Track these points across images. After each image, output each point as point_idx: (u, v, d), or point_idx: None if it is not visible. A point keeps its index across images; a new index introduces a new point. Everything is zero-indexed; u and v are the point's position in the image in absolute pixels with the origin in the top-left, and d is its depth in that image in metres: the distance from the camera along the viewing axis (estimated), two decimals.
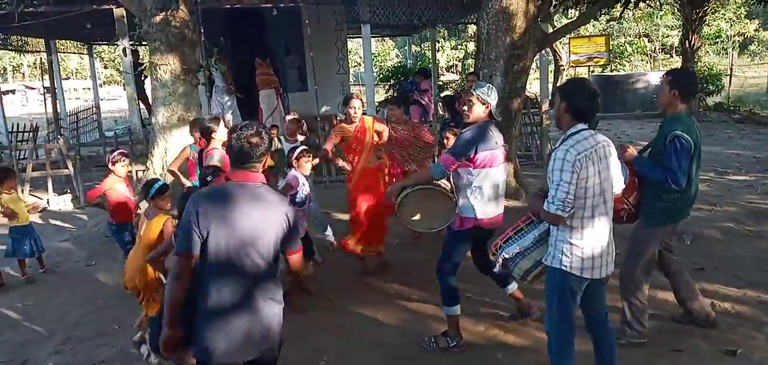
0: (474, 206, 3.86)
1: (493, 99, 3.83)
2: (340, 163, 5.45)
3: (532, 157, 10.92)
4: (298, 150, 5.00)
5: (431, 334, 4.27)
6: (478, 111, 3.81)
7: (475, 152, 3.76)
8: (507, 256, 3.27)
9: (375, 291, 5.21)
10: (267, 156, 2.58)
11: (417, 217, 4.16)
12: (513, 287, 4.29)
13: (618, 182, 3.15)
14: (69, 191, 9.26)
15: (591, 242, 2.98)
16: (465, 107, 3.84)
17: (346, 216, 6.60)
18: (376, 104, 12.99)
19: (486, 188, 3.83)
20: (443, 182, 4.03)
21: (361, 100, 5.64)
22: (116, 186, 5.33)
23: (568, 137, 2.95)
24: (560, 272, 3.02)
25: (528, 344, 4.18)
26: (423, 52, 25.87)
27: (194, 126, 5.98)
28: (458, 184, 3.89)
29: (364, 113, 5.53)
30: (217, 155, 5.10)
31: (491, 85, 3.90)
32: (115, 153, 5.42)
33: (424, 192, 3.99)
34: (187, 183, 5.39)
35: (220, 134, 5.25)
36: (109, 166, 5.36)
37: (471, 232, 3.96)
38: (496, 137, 3.85)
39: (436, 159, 4.15)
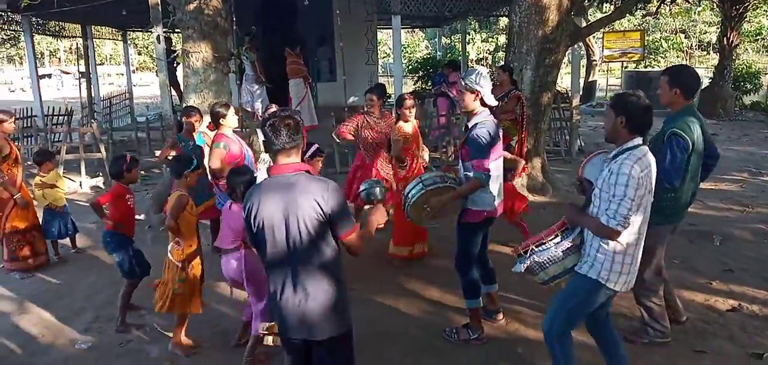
0: (488, 198, 3.87)
1: (483, 86, 3.77)
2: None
3: (561, 152, 10.78)
4: (312, 150, 4.80)
5: (453, 326, 4.28)
6: (468, 100, 3.79)
7: (494, 146, 3.79)
8: (537, 259, 3.17)
9: (397, 281, 5.23)
10: (302, 142, 2.64)
11: (425, 214, 4.00)
12: (494, 288, 4.39)
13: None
14: (101, 174, 9.48)
15: (634, 257, 2.98)
16: (461, 97, 3.85)
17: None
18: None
19: (495, 178, 3.85)
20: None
21: (414, 100, 5.74)
22: (126, 195, 4.64)
23: (626, 150, 2.90)
24: (595, 282, 3.00)
25: None
26: (453, 44, 25.64)
27: (190, 113, 6.03)
28: (470, 177, 3.84)
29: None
30: (223, 142, 5.09)
31: (480, 71, 3.83)
32: (129, 158, 4.63)
33: (433, 190, 3.90)
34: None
35: (230, 121, 5.22)
36: (125, 172, 4.57)
37: (486, 222, 3.98)
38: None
39: (458, 160, 4.06)
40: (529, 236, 5.76)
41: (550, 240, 3.16)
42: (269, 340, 3.03)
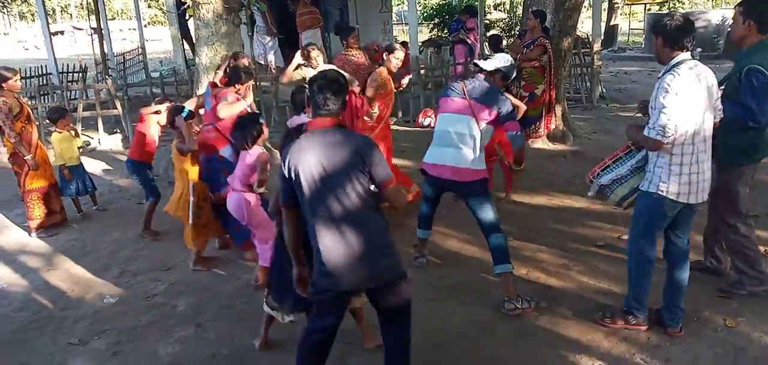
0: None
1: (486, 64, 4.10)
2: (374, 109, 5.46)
3: (582, 100, 10.58)
4: None
5: (470, 274, 4.34)
6: None
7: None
8: (604, 183, 3.47)
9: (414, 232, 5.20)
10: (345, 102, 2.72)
11: None
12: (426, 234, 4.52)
13: (718, 112, 3.25)
14: (118, 131, 9.51)
15: (690, 168, 3.10)
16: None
17: None
18: (420, 43, 12.73)
19: (435, 134, 4.11)
20: None
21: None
22: (155, 126, 5.53)
23: (671, 67, 3.06)
24: (655, 196, 3.19)
25: (570, 287, 4.16)
26: None
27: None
28: (476, 136, 3.88)
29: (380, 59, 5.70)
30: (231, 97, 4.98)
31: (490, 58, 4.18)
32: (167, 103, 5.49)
33: None
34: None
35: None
36: (158, 106, 5.50)
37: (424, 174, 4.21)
38: None
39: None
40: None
41: (613, 162, 3.45)
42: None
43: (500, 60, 4.08)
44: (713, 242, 4.06)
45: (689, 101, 2.99)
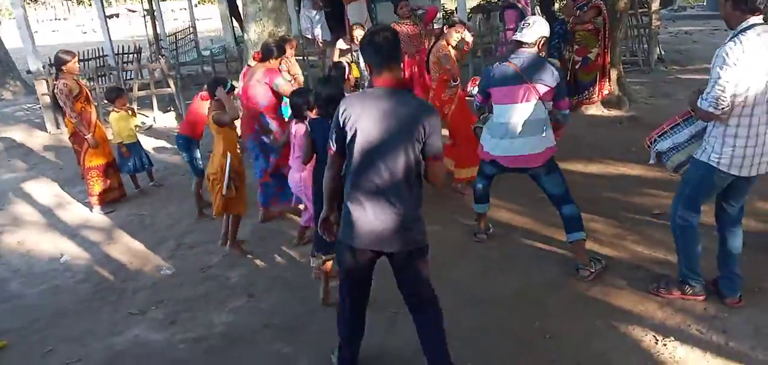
0: (484, 140, 4.02)
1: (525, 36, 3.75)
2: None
3: (639, 63, 10.14)
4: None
5: (520, 245, 4.26)
6: None
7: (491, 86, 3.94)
8: (661, 150, 3.38)
9: (461, 203, 5.13)
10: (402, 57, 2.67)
11: None
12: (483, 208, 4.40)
13: None
14: (172, 109, 9.75)
15: (747, 141, 2.93)
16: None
17: None
18: (468, 10, 12.46)
19: (499, 125, 3.88)
20: None
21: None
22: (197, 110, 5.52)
23: (737, 33, 2.84)
24: (707, 165, 3.06)
25: (624, 257, 4.04)
26: None
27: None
28: (544, 116, 3.75)
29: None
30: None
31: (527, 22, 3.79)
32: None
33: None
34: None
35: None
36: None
37: (482, 162, 4.16)
38: None
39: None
40: None
41: (671, 128, 3.33)
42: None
43: (538, 26, 3.78)
44: None
45: (752, 69, 2.79)
